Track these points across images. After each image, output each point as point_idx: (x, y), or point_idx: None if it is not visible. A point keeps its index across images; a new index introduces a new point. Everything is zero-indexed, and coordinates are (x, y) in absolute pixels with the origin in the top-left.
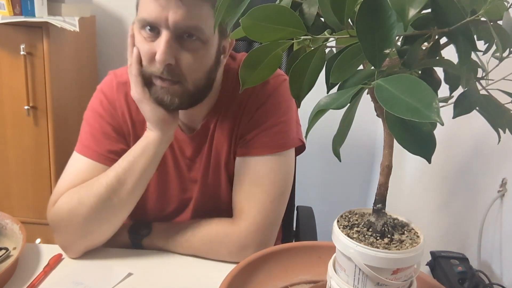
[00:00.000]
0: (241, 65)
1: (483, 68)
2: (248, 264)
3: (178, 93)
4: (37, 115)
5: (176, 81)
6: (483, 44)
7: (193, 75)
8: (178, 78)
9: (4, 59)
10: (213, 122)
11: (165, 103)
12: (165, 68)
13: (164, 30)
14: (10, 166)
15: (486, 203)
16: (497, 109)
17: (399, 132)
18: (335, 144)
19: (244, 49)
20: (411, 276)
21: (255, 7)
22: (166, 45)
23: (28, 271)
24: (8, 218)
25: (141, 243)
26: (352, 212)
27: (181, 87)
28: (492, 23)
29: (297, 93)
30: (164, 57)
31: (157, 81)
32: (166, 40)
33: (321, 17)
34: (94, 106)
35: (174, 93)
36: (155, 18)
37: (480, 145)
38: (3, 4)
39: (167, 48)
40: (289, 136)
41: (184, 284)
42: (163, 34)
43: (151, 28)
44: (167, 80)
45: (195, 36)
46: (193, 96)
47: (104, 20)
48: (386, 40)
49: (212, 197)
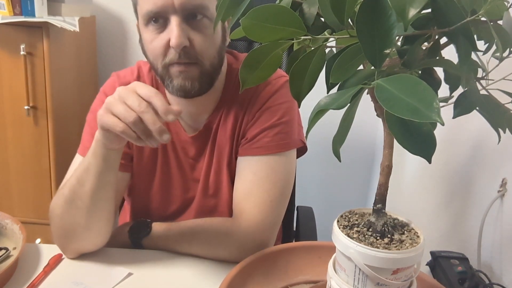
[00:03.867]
0: (241, 65)
1: (483, 68)
2: (248, 264)
3: (197, 76)
4: (37, 115)
5: (194, 63)
6: (483, 44)
7: (208, 53)
8: (195, 59)
9: (4, 59)
10: (216, 122)
11: (187, 89)
12: (181, 51)
13: (172, 16)
14: (10, 166)
15: (486, 203)
16: (497, 109)
17: (399, 132)
18: (335, 144)
19: (244, 49)
20: (411, 276)
21: (255, 7)
22: (179, 28)
23: (28, 271)
24: (8, 218)
25: (141, 243)
26: (352, 212)
27: (199, 68)
28: (492, 23)
29: (297, 93)
30: (180, 40)
31: (173, 68)
32: (177, 23)
33: (321, 17)
34: (96, 108)
35: (194, 76)
36: (162, 6)
37: (480, 145)
38: (3, 4)
39: (180, 31)
40: (290, 136)
41: (184, 284)
42: (173, 20)
43: (157, 20)
44: (185, 64)
45: (201, 15)
46: (210, 76)
47: (104, 20)
48: (386, 40)
49: (214, 197)
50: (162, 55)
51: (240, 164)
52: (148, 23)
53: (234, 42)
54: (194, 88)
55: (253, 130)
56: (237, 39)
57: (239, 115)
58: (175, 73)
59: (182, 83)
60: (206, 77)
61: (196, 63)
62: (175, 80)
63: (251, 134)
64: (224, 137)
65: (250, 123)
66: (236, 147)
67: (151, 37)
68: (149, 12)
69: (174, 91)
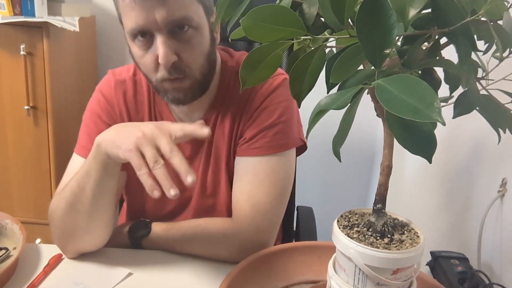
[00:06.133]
0: (241, 65)
1: (483, 68)
2: (248, 264)
3: (189, 88)
4: (37, 115)
5: (184, 76)
6: (483, 44)
7: (197, 64)
8: (184, 73)
9: (4, 59)
10: (212, 121)
11: (181, 99)
12: (171, 67)
13: (156, 33)
14: (10, 166)
15: (486, 203)
16: (497, 109)
17: (399, 132)
18: (335, 144)
19: (244, 49)
20: (411, 276)
21: (255, 7)
22: (165, 46)
23: (28, 271)
24: (8, 218)
25: (140, 243)
26: (352, 212)
27: (190, 80)
28: (492, 23)
29: (297, 93)
30: (167, 59)
31: (166, 84)
32: (162, 41)
33: (321, 17)
34: (91, 106)
35: (186, 89)
36: (144, 24)
37: (480, 145)
38: (3, 4)
39: (166, 49)
40: (289, 136)
41: (184, 284)
42: (158, 37)
43: (143, 34)
44: (176, 79)
45: (186, 26)
46: (202, 84)
47: (104, 20)
48: (386, 40)
49: (212, 196)
50: (153, 71)
51: (239, 165)
52: (134, 38)
53: (234, 42)
54: (187, 98)
55: (252, 130)
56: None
57: (237, 115)
58: (168, 88)
59: (176, 96)
60: (198, 86)
61: (186, 77)
62: (169, 94)
63: (250, 134)
64: (222, 137)
65: (248, 123)
66: (234, 147)
67: (140, 53)
68: (133, 30)
69: (169, 101)
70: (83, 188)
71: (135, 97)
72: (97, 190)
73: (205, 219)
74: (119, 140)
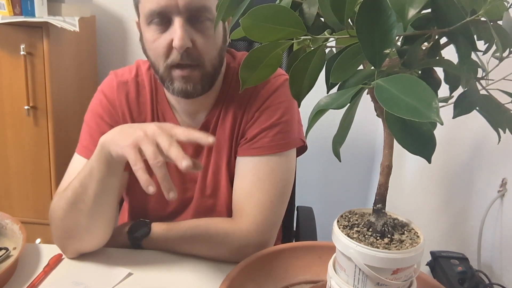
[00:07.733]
0: (241, 65)
1: (483, 68)
2: (248, 264)
3: (199, 79)
4: (37, 115)
5: (195, 65)
6: (483, 44)
7: (210, 55)
8: (197, 61)
9: (4, 59)
10: (214, 121)
11: (189, 92)
12: (184, 52)
13: (175, 17)
14: (10, 166)
15: (486, 203)
16: (497, 109)
17: (399, 132)
18: (335, 144)
19: (244, 49)
20: (411, 276)
21: (255, 7)
22: (182, 29)
23: (28, 271)
24: (8, 218)
25: (140, 243)
26: (352, 212)
27: (201, 71)
28: (492, 23)
29: (297, 93)
30: (183, 41)
31: (176, 72)
32: (181, 25)
33: (321, 17)
34: (93, 107)
35: (196, 79)
36: (165, 6)
37: (480, 145)
38: (3, 4)
39: (184, 33)
40: (290, 136)
41: (184, 284)
42: (176, 20)
43: (160, 20)
44: (186, 67)
45: (204, 16)
46: (211, 78)
47: (104, 20)
48: (386, 40)
49: (212, 197)
50: (164, 55)
51: (240, 164)
52: (150, 22)
53: (234, 42)
54: (196, 91)
55: (253, 130)
56: (237, 39)
57: (238, 115)
58: (177, 77)
59: (184, 87)
60: (208, 79)
61: (198, 65)
62: (176, 83)
63: (251, 134)
64: (223, 137)
65: (249, 123)
66: (235, 147)
67: (153, 37)
68: (152, 12)
69: (175, 93)
70: (86, 187)
71: (138, 98)
72: (99, 190)
73: (205, 219)
74: (120, 138)
